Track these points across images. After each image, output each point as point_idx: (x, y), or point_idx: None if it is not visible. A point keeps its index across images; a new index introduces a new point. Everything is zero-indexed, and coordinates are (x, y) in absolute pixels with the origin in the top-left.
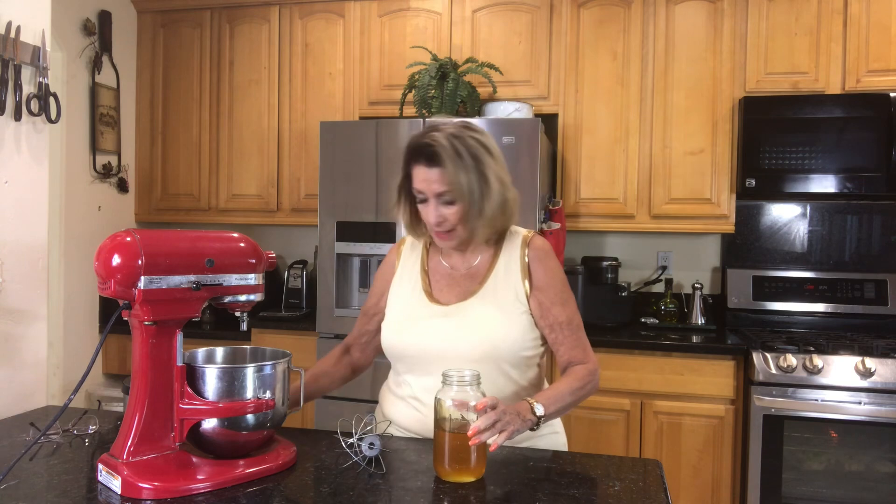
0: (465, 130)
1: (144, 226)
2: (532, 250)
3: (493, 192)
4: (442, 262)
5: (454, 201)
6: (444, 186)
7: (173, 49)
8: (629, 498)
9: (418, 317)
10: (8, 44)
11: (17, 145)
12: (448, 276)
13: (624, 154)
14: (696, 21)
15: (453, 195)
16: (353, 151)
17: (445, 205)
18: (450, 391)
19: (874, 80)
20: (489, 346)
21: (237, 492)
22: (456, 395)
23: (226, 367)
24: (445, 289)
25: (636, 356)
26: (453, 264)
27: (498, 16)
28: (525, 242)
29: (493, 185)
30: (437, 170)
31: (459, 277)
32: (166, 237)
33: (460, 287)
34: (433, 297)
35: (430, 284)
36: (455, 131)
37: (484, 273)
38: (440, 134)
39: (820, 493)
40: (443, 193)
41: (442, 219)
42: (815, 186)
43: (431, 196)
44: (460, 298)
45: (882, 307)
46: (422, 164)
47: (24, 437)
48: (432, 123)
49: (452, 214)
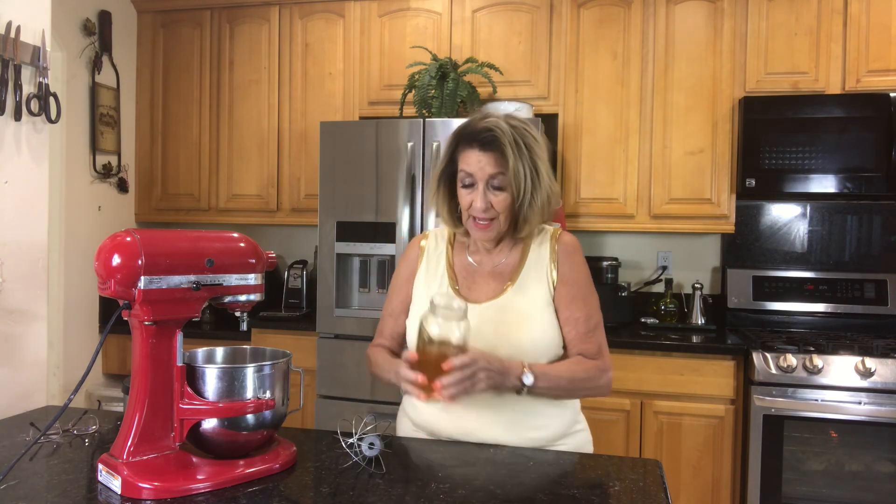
0: (522, 124)
1: (144, 226)
2: (561, 245)
3: (544, 184)
4: (468, 260)
5: (503, 188)
6: (497, 169)
7: (173, 49)
8: (629, 498)
9: None
10: (8, 44)
11: (17, 145)
12: (475, 273)
13: (624, 154)
14: (696, 21)
15: (505, 181)
16: (353, 151)
17: (494, 190)
18: (434, 319)
19: (874, 80)
20: (529, 345)
21: (237, 492)
22: (440, 329)
23: (226, 367)
24: (473, 286)
25: (636, 356)
26: (480, 261)
27: (498, 16)
28: (555, 238)
29: (543, 178)
30: (492, 154)
31: (486, 275)
32: (166, 237)
33: (489, 285)
34: (461, 295)
35: (458, 281)
36: (512, 121)
37: (512, 271)
38: (499, 121)
39: (820, 493)
40: (495, 176)
41: (489, 205)
42: (815, 186)
43: (481, 180)
44: (490, 296)
45: (882, 307)
46: (475, 149)
47: (24, 437)
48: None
49: (500, 202)
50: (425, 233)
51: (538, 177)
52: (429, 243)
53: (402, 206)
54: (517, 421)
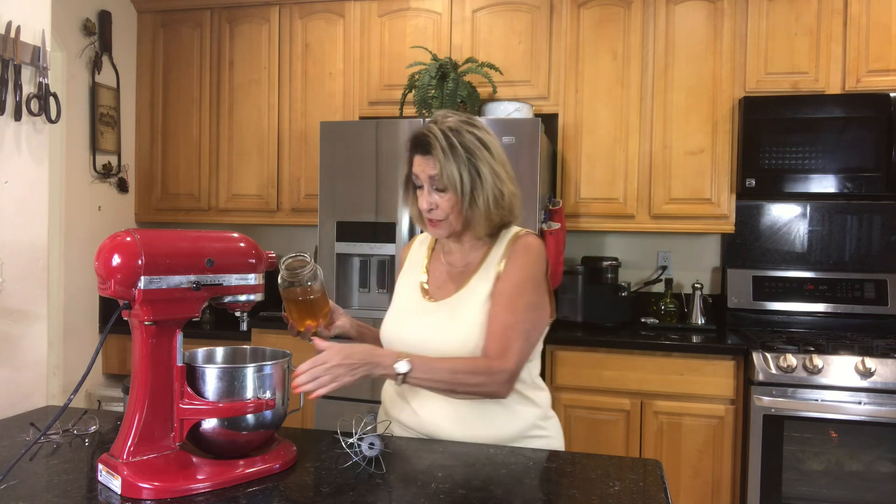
0: (465, 125)
1: (144, 226)
2: (514, 245)
3: (486, 185)
4: (442, 259)
5: (445, 189)
6: (434, 171)
7: (173, 49)
8: (629, 498)
9: (411, 312)
10: (8, 44)
11: (17, 145)
12: (447, 272)
13: (624, 154)
14: (696, 21)
15: (444, 182)
16: (353, 151)
17: (437, 192)
18: (283, 274)
19: (874, 80)
20: (458, 343)
21: (237, 492)
22: (289, 274)
23: (226, 366)
24: (443, 285)
25: (636, 356)
26: (452, 261)
27: (498, 16)
28: (514, 239)
29: (486, 178)
30: (430, 157)
31: (456, 274)
32: (166, 237)
33: (455, 283)
34: (428, 293)
35: (429, 281)
36: (454, 125)
37: (473, 271)
38: (437, 126)
39: (820, 493)
40: (434, 178)
41: (433, 205)
42: (814, 186)
43: (426, 182)
44: (447, 296)
45: (882, 307)
46: (417, 153)
47: (24, 437)
48: (435, 116)
49: (444, 202)
50: (416, 236)
51: (479, 178)
52: (416, 244)
53: (402, 206)
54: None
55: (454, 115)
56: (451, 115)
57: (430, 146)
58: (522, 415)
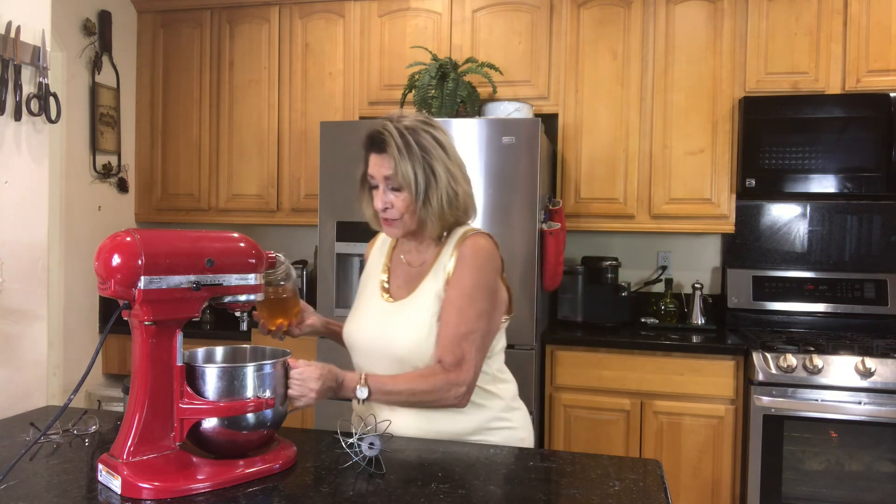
0: (421, 125)
1: (144, 226)
2: (461, 248)
3: (441, 184)
4: (402, 258)
5: (400, 188)
6: (390, 171)
7: (173, 49)
8: (629, 498)
9: (368, 311)
10: (8, 44)
11: (17, 145)
12: (405, 272)
13: (624, 154)
14: (696, 21)
15: (399, 182)
16: (353, 151)
17: (392, 191)
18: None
19: (874, 80)
20: (405, 349)
21: (237, 492)
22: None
23: (226, 366)
24: (402, 285)
25: (636, 356)
26: (410, 260)
27: (498, 16)
28: (462, 239)
29: (441, 178)
30: (385, 156)
31: (414, 274)
32: (166, 237)
33: (412, 283)
34: (387, 292)
35: (389, 280)
36: (410, 124)
37: (426, 272)
38: (392, 125)
39: (820, 493)
40: (389, 178)
41: (389, 205)
42: (814, 186)
43: (381, 182)
44: (402, 297)
45: (882, 307)
46: (373, 152)
47: (24, 437)
48: (391, 115)
49: (399, 202)
50: (378, 234)
51: (434, 177)
52: (377, 244)
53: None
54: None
55: (411, 114)
56: (408, 114)
57: (385, 144)
58: (483, 408)
